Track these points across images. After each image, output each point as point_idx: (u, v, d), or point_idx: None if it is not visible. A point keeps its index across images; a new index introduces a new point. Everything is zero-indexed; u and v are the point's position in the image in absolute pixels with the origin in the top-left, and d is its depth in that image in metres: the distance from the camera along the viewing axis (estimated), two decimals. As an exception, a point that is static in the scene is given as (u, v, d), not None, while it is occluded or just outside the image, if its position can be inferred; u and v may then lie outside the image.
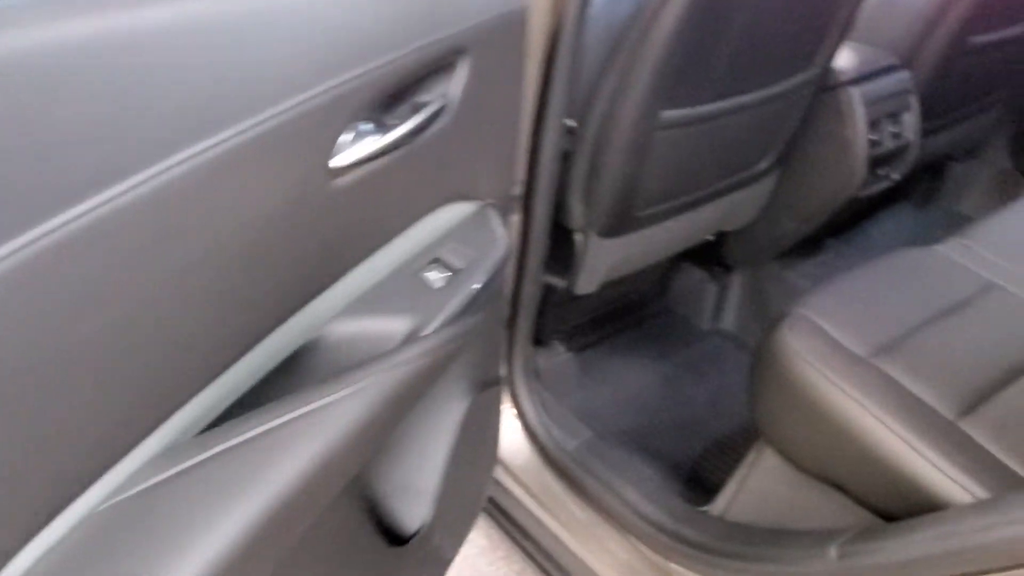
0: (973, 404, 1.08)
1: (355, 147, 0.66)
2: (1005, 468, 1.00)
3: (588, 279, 1.48)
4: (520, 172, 1.18)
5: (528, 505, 1.40)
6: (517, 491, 1.38)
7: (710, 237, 1.75)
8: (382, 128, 0.69)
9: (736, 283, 1.88)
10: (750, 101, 1.41)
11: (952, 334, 1.20)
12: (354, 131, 0.66)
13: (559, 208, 1.38)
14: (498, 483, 1.40)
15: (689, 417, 1.63)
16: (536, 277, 1.31)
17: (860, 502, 1.07)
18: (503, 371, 1.37)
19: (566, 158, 1.31)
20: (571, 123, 1.28)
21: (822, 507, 1.12)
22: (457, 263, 0.84)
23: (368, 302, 0.75)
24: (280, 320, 0.68)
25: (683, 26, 1.16)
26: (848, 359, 1.11)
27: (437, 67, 0.73)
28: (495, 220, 0.91)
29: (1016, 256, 1.39)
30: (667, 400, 1.68)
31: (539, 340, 1.64)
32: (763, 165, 1.60)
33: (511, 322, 1.34)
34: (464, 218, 0.87)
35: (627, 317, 1.88)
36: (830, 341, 1.15)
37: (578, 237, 1.42)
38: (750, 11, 1.25)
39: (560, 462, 1.34)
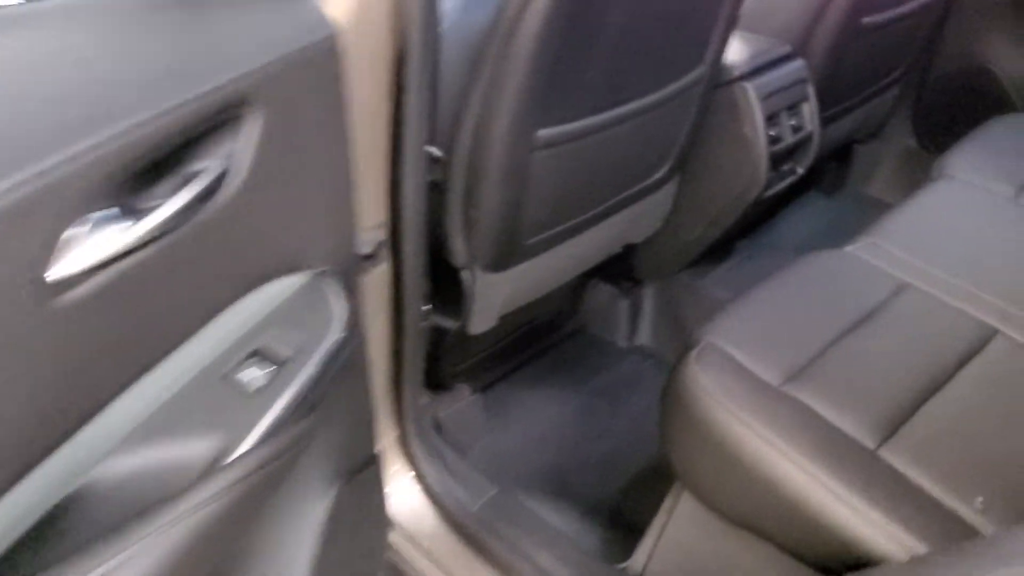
0: (894, 426, 0.99)
1: (90, 247, 0.51)
2: (926, 497, 0.91)
3: (482, 317, 1.35)
4: (380, 214, 1.04)
5: None
6: (422, 563, 1.24)
7: (617, 250, 1.64)
8: (134, 214, 0.54)
9: (648, 296, 1.77)
10: (637, 108, 1.30)
11: (868, 346, 1.11)
12: (88, 224, 0.51)
13: (440, 245, 1.24)
14: (401, 555, 1.26)
15: (608, 450, 1.52)
16: (417, 325, 1.17)
17: (788, 553, 0.96)
18: (392, 435, 1.23)
19: (439, 190, 1.18)
20: (437, 152, 1.14)
21: (747, 560, 1.01)
22: (282, 352, 0.69)
23: (156, 426, 0.60)
24: (17, 473, 0.52)
25: (548, 35, 1.03)
26: (759, 391, 1.01)
27: (211, 126, 0.59)
28: (332, 289, 0.77)
29: (926, 252, 1.31)
30: (584, 433, 1.56)
31: (439, 385, 1.51)
32: (661, 173, 1.49)
33: (396, 378, 1.19)
34: (290, 296, 0.73)
35: (537, 343, 1.75)
36: (740, 371, 1.04)
37: (465, 274, 1.28)
38: (623, 12, 1.13)
39: (466, 526, 1.21)
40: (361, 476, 0.96)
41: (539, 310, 1.72)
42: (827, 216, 2.08)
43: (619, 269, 1.75)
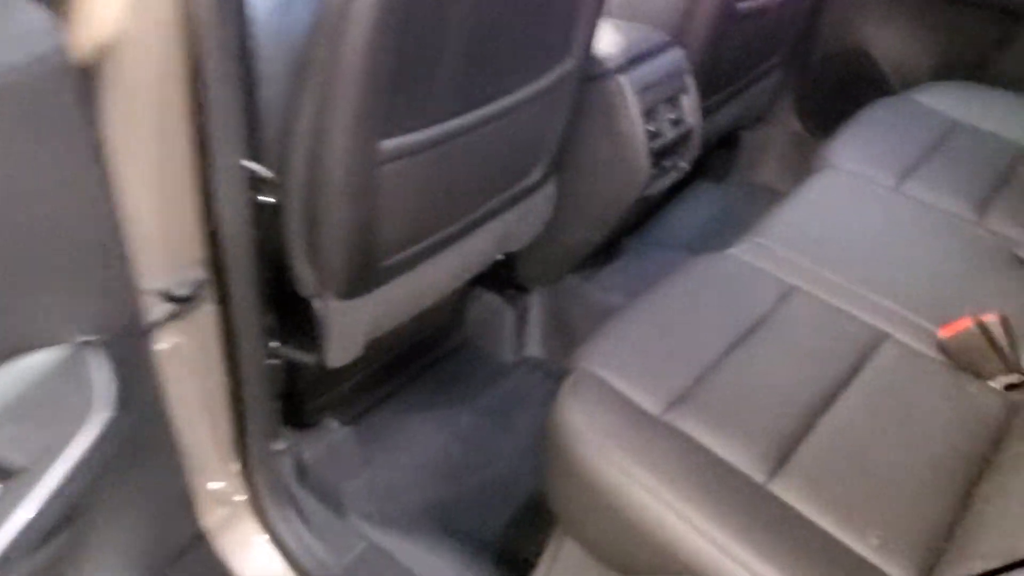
0: (784, 454, 0.90)
1: None
2: (820, 534, 0.83)
3: (343, 348, 1.21)
4: (195, 250, 0.88)
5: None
6: (284, 635, 1.10)
7: (499, 257, 1.52)
8: None
9: (535, 304, 1.67)
10: (500, 109, 1.18)
11: (755, 361, 1.03)
12: None
13: (284, 274, 1.10)
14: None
15: (495, 478, 1.40)
16: (259, 368, 1.02)
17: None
18: (241, 496, 1.08)
19: (276, 214, 1.03)
20: (266, 173, 0.99)
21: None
22: (16, 458, 0.54)
23: None
24: None
25: (381, 34, 0.90)
26: (639, 425, 0.91)
27: None
28: (96, 363, 0.62)
29: (811, 251, 1.24)
30: (470, 460, 1.44)
31: (304, 422, 1.36)
32: (536, 176, 1.37)
33: (240, 430, 1.05)
34: (32, 380, 0.57)
35: (417, 362, 1.62)
36: (618, 402, 0.93)
37: (317, 304, 1.14)
38: (470, 5, 1.00)
39: (332, 590, 1.08)
40: (183, 562, 0.81)
41: (416, 328, 1.59)
42: (717, 205, 2.02)
43: (502, 277, 1.64)
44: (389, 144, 1.02)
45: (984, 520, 0.82)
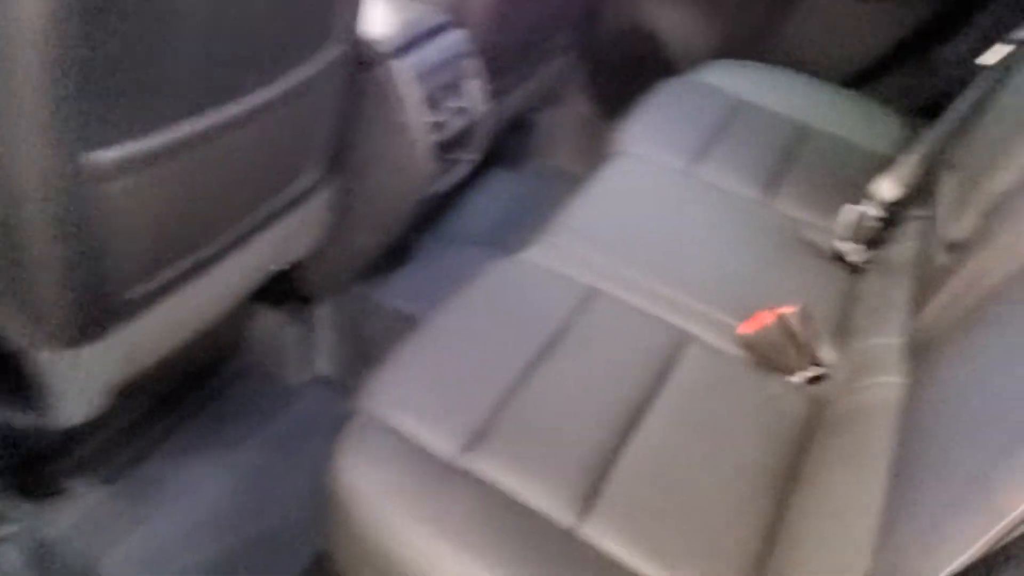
0: (593, 488, 0.82)
1: None
2: (626, 572, 0.75)
3: (78, 403, 0.99)
4: None
5: None
6: None
7: (277, 268, 1.34)
8: None
9: (323, 317, 1.50)
10: (253, 106, 1.00)
11: (556, 380, 0.94)
12: None
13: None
14: None
15: (284, 525, 1.24)
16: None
17: None
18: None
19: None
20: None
21: None
22: None
23: None
24: None
25: (62, 21, 0.70)
26: (430, 476, 0.79)
27: None
28: None
29: (607, 247, 1.17)
30: (255, 505, 1.27)
31: (49, 491, 1.13)
32: (308, 179, 1.21)
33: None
34: None
35: (193, 394, 1.42)
36: (406, 450, 0.81)
37: (40, 356, 0.92)
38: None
39: None
40: None
41: (188, 357, 1.38)
42: (512, 194, 1.93)
43: (283, 290, 1.46)
44: (104, 156, 0.82)
45: (801, 537, 0.78)
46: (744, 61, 1.87)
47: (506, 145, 1.94)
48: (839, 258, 1.32)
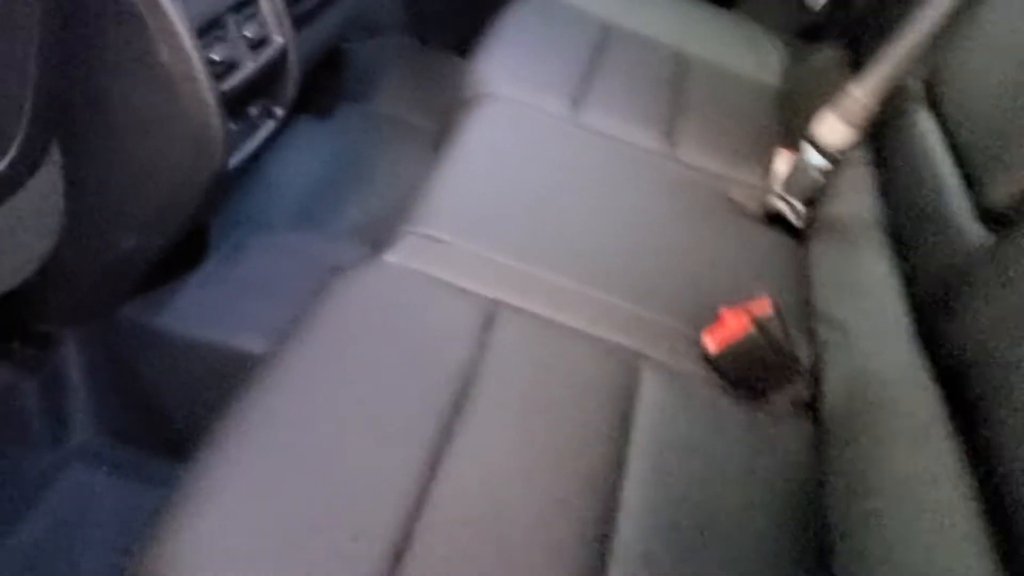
0: None
1: None
2: None
3: None
4: None
5: None
6: None
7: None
8: None
9: (73, 358, 1.02)
10: None
11: (485, 458, 0.58)
12: None
13: None
14: None
15: None
16: None
17: None
18: None
19: None
20: None
21: None
22: None
23: None
24: None
25: None
26: None
27: None
28: None
29: (503, 236, 0.82)
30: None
31: None
32: (5, 160, 0.73)
33: None
34: None
35: None
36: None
37: None
38: None
39: None
40: None
41: None
42: (330, 150, 1.49)
43: (5, 328, 0.97)
44: None
45: None
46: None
47: (315, 87, 1.48)
48: (775, 220, 1.05)
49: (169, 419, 1.00)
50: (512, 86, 1.11)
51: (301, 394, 0.61)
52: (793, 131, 1.09)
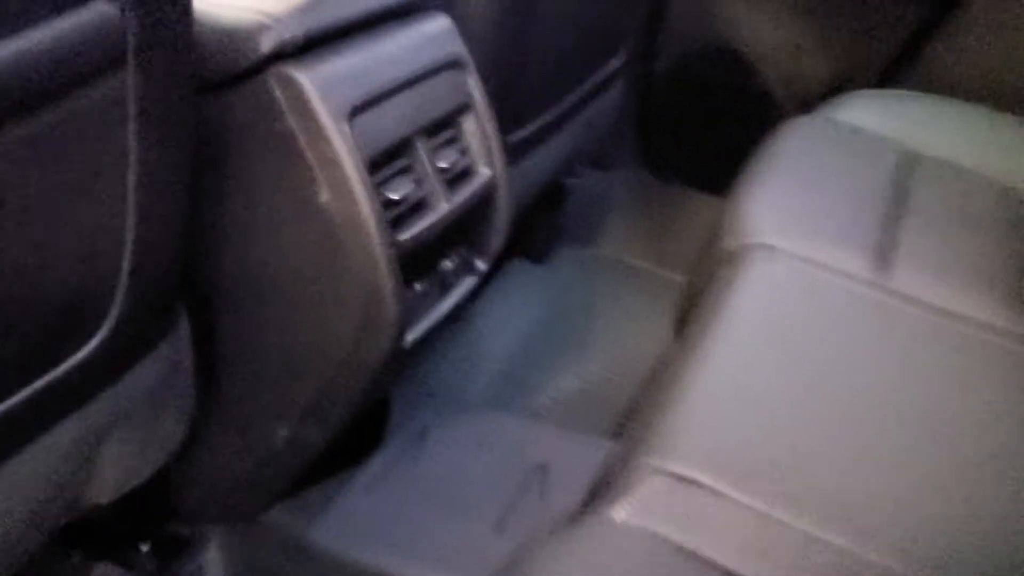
0: None
1: None
2: None
3: None
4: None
5: None
6: None
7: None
8: None
9: (212, 567, 0.80)
10: None
11: None
12: None
13: None
14: None
15: None
16: None
17: None
18: None
19: None
20: None
21: None
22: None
23: None
24: None
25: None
26: None
27: None
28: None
29: (759, 474, 0.49)
30: None
31: None
32: (102, 335, 0.53)
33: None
34: None
35: None
36: None
37: None
38: None
39: None
40: None
41: None
42: (541, 303, 1.24)
43: (133, 528, 0.78)
44: None
45: None
46: (889, 91, 1.24)
47: (529, 227, 1.26)
48: None
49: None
50: (791, 236, 0.80)
51: None
52: None
